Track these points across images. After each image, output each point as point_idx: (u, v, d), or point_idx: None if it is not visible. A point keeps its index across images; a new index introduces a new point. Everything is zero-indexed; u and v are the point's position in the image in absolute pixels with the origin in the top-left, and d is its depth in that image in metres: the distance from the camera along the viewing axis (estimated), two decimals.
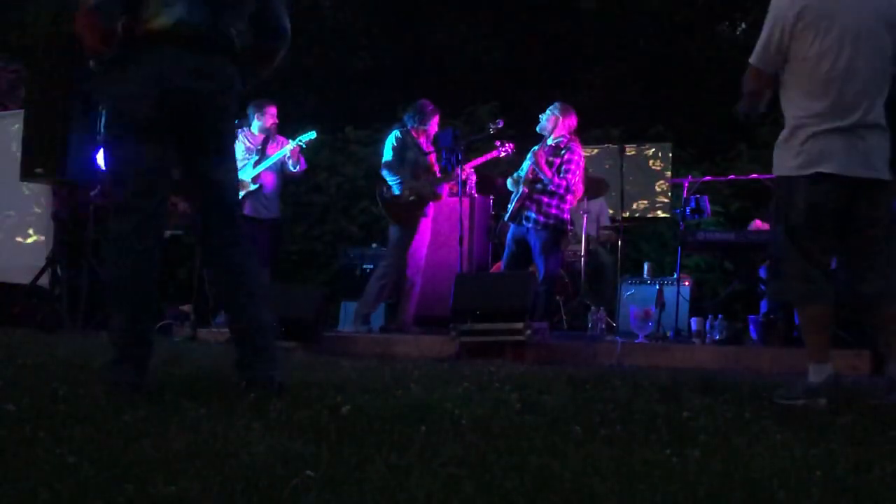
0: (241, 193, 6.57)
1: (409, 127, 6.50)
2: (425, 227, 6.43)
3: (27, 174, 6.99)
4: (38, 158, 6.72)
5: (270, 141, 6.84)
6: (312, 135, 6.74)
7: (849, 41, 3.16)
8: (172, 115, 2.96)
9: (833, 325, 3.28)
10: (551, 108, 6.36)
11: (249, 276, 3.10)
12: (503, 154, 6.61)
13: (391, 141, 6.45)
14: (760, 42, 3.31)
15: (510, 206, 6.30)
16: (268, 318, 3.12)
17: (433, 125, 6.52)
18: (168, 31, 2.93)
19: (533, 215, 6.15)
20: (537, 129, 6.34)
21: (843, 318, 4.85)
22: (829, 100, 3.16)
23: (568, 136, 6.28)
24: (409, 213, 6.35)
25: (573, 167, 6.18)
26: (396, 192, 6.34)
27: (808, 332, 3.21)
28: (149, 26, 2.94)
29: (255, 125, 6.86)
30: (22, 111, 7.32)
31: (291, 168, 6.76)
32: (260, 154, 6.77)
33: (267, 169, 6.72)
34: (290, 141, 6.76)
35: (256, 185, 6.69)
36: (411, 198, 6.32)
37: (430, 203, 6.42)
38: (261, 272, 3.22)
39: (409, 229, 6.36)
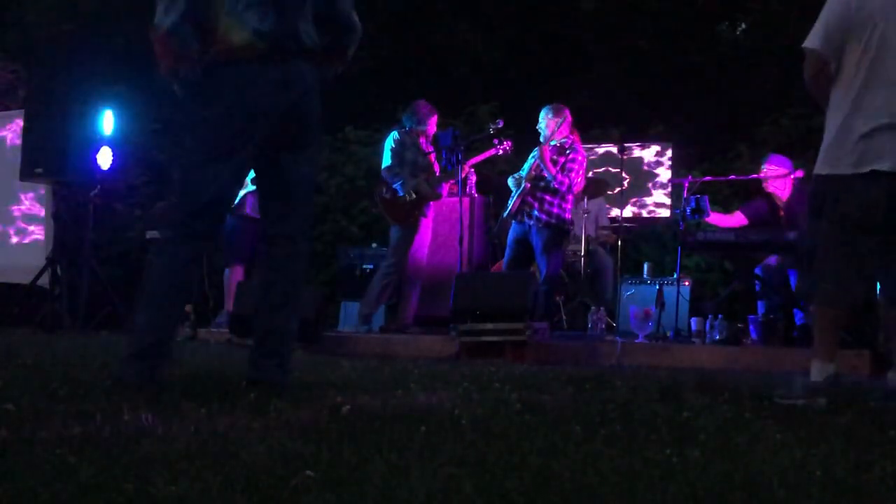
0: (243, 192, 6.58)
1: (407, 128, 6.51)
2: (426, 227, 6.44)
3: (27, 174, 6.99)
4: (38, 158, 6.73)
5: None
6: None
7: None
8: (256, 131, 2.96)
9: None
10: (545, 111, 6.36)
11: (297, 278, 3.12)
12: (501, 152, 6.61)
13: (389, 143, 6.47)
14: (818, 25, 3.21)
15: (510, 203, 6.31)
16: (292, 326, 3.13)
17: (431, 125, 6.52)
18: (245, 45, 2.91)
19: (535, 213, 6.16)
20: (541, 139, 6.34)
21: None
22: (883, 97, 3.11)
23: (570, 135, 6.29)
24: (408, 213, 6.35)
25: (576, 166, 6.20)
26: (400, 193, 6.34)
27: (823, 330, 3.16)
28: (225, 43, 2.92)
29: None
30: (22, 111, 7.34)
31: None
32: None
33: None
34: None
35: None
36: (410, 197, 6.33)
37: (430, 203, 6.43)
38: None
39: (410, 229, 6.36)
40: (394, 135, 6.49)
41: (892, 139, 3.09)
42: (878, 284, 3.56)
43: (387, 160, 6.45)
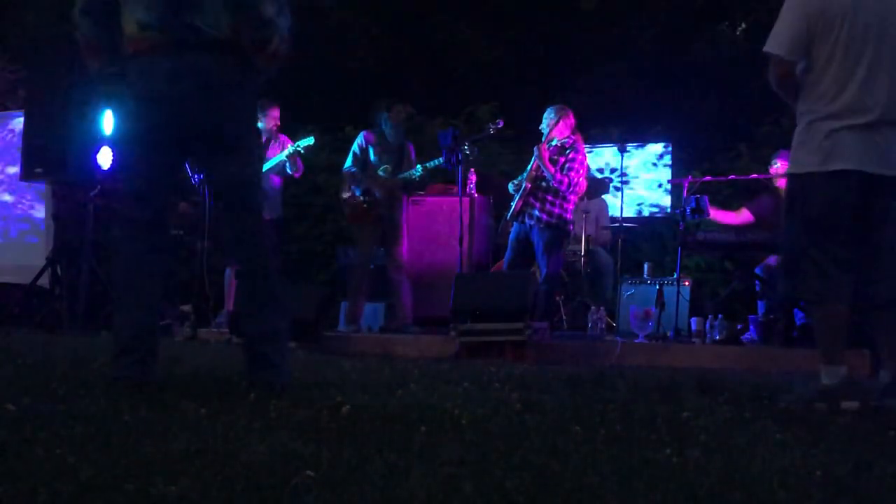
0: None
1: (375, 128, 6.62)
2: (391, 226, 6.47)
3: (27, 174, 6.99)
4: (38, 158, 6.73)
5: (273, 142, 6.85)
6: (311, 141, 6.76)
7: (872, 36, 3.12)
8: (162, 121, 2.95)
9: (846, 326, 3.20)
10: (547, 112, 6.36)
11: (271, 277, 3.08)
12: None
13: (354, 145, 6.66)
14: (780, 28, 3.20)
15: (513, 205, 6.31)
16: (282, 325, 3.10)
17: (399, 127, 6.55)
18: (134, 37, 2.93)
19: (536, 213, 6.16)
20: (543, 138, 6.34)
21: None
22: (850, 96, 3.12)
23: (571, 135, 6.29)
24: (364, 212, 6.50)
25: (577, 165, 6.19)
26: (357, 193, 6.52)
27: (822, 331, 3.15)
28: (125, 36, 2.96)
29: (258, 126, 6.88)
30: (22, 111, 7.34)
31: (289, 171, 6.78)
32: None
33: (269, 170, 6.73)
34: (291, 142, 6.78)
35: None
36: (365, 198, 6.46)
37: (390, 202, 6.44)
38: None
39: (368, 228, 6.49)
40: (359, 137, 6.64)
41: (857, 138, 3.11)
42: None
43: (347, 161, 6.63)
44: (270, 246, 3.16)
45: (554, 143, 6.28)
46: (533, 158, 6.28)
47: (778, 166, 6.22)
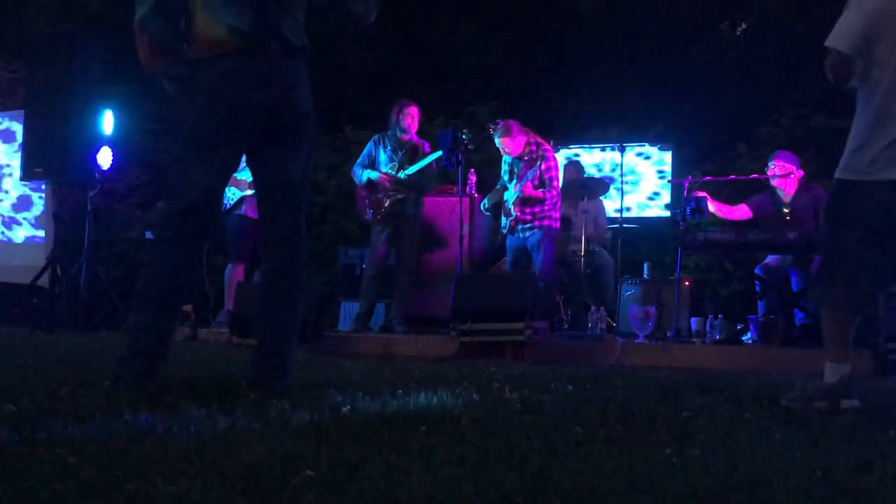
0: (241, 195, 6.61)
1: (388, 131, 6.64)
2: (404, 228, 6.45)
3: (27, 174, 6.99)
4: (38, 158, 6.73)
5: None
6: None
7: None
8: (237, 127, 2.96)
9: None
10: (495, 138, 6.40)
11: (297, 279, 3.11)
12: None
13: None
14: (843, 24, 3.11)
15: (504, 221, 6.37)
16: (294, 327, 3.12)
17: (404, 124, 6.53)
18: (222, 42, 2.92)
19: (529, 225, 6.29)
20: (504, 159, 6.43)
21: None
22: None
23: (531, 141, 6.33)
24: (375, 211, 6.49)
25: (555, 174, 6.36)
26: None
27: (835, 332, 3.12)
28: (202, 39, 2.94)
29: None
30: (22, 111, 7.34)
31: None
32: None
33: None
34: None
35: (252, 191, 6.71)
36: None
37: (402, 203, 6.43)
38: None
39: (378, 228, 6.50)
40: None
41: None
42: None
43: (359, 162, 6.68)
44: (306, 245, 3.19)
45: (516, 158, 6.36)
46: (511, 189, 6.31)
47: (774, 167, 6.22)
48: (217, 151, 2.97)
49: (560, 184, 6.45)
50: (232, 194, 6.63)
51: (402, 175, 6.45)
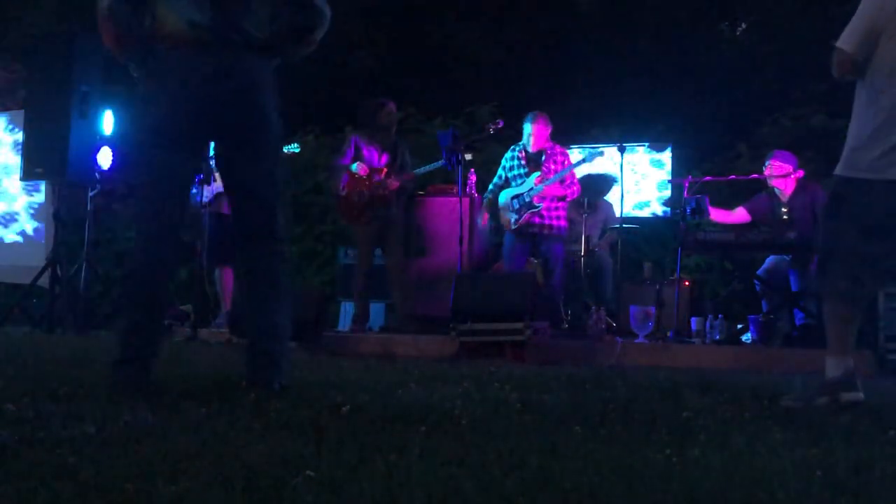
0: (216, 190, 6.48)
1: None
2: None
3: (27, 174, 6.99)
4: (38, 158, 6.73)
5: None
6: (295, 148, 6.76)
7: None
8: (195, 120, 2.95)
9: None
10: (526, 120, 6.42)
11: (275, 278, 3.09)
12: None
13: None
14: (855, 25, 3.12)
15: (512, 217, 6.35)
16: (285, 325, 3.11)
17: (382, 120, 6.49)
18: (180, 34, 2.92)
19: (547, 223, 6.32)
20: (527, 147, 6.41)
21: None
22: None
23: (550, 143, 6.37)
24: (360, 212, 6.43)
25: (573, 172, 6.39)
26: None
27: (836, 326, 3.12)
28: (162, 29, 2.94)
29: None
30: (22, 111, 7.34)
31: None
32: None
33: None
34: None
35: None
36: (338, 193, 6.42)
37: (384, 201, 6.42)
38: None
39: (364, 228, 6.43)
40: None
41: None
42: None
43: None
44: (283, 243, 3.17)
45: (535, 151, 6.36)
46: (532, 177, 6.30)
47: (771, 167, 6.22)
48: (173, 141, 2.96)
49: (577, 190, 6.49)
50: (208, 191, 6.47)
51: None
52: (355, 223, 6.52)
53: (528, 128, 6.40)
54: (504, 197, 6.46)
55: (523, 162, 6.42)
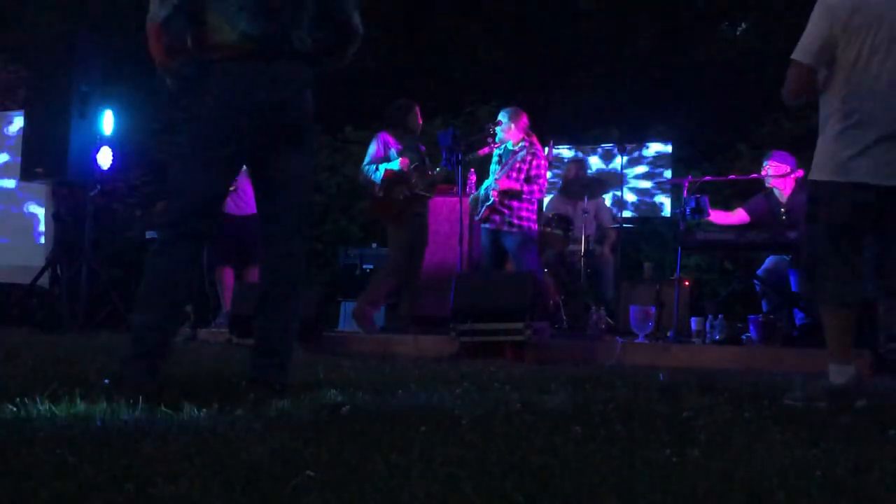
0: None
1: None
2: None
3: (27, 174, 6.99)
4: (38, 158, 6.73)
5: None
6: None
7: None
8: (250, 129, 2.99)
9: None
10: (501, 115, 6.35)
11: (296, 279, 3.13)
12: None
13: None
14: (805, 36, 3.20)
15: (480, 209, 6.32)
16: (295, 326, 3.14)
17: (410, 122, 6.46)
18: (232, 45, 2.95)
19: (507, 219, 6.21)
20: (497, 139, 6.35)
21: None
22: (874, 107, 3.11)
23: (526, 137, 6.30)
24: (400, 211, 6.32)
25: (542, 172, 6.29)
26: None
27: (834, 331, 3.16)
28: (213, 41, 2.96)
29: None
30: (22, 111, 7.35)
31: None
32: None
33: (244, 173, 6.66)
34: None
35: (233, 188, 6.51)
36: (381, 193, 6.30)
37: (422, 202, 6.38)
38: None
39: (403, 228, 6.32)
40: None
41: (879, 152, 3.10)
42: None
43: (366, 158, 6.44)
44: (306, 243, 3.22)
45: (509, 147, 6.30)
46: (492, 178, 6.27)
47: (769, 167, 6.22)
48: (224, 153, 3.00)
49: (545, 186, 6.40)
50: None
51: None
52: (394, 223, 6.35)
53: (503, 120, 6.34)
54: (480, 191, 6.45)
55: (499, 157, 6.41)
